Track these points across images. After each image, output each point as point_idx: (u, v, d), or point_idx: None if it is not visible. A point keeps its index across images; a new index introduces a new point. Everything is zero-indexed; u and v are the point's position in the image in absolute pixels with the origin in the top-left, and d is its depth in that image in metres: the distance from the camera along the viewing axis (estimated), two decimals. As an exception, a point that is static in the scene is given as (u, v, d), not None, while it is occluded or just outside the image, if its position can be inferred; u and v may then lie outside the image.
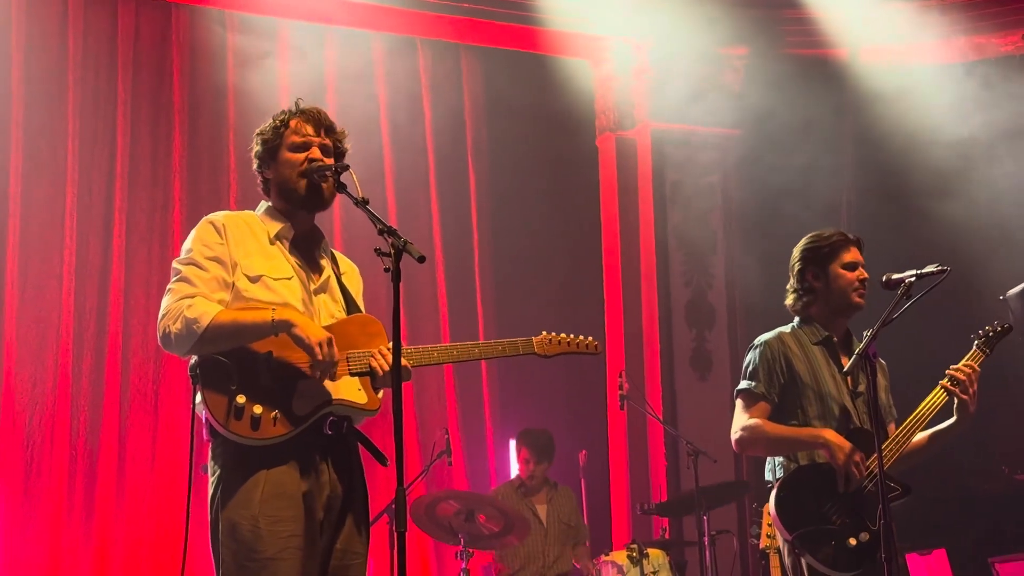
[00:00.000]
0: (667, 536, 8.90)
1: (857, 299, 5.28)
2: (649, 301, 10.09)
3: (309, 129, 4.26)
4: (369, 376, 4.14)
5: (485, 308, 9.83)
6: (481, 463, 9.54)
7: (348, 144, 4.40)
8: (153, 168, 9.01)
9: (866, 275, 5.28)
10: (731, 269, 10.30)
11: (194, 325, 3.93)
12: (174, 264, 4.14)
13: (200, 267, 4.08)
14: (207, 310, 3.96)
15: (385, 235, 3.84)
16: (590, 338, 4.67)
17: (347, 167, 4.15)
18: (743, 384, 5.31)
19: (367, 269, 4.64)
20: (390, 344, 3.96)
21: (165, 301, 4.06)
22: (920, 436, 5.19)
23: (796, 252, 5.43)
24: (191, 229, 4.26)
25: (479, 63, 10.26)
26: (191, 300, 4.00)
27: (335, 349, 4.00)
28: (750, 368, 5.32)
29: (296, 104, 4.35)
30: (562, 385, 9.89)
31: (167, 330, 3.98)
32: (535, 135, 10.23)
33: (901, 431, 5.12)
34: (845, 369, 5.14)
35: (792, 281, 5.43)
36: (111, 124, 8.89)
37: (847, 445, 5.00)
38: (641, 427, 9.79)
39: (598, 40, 10.30)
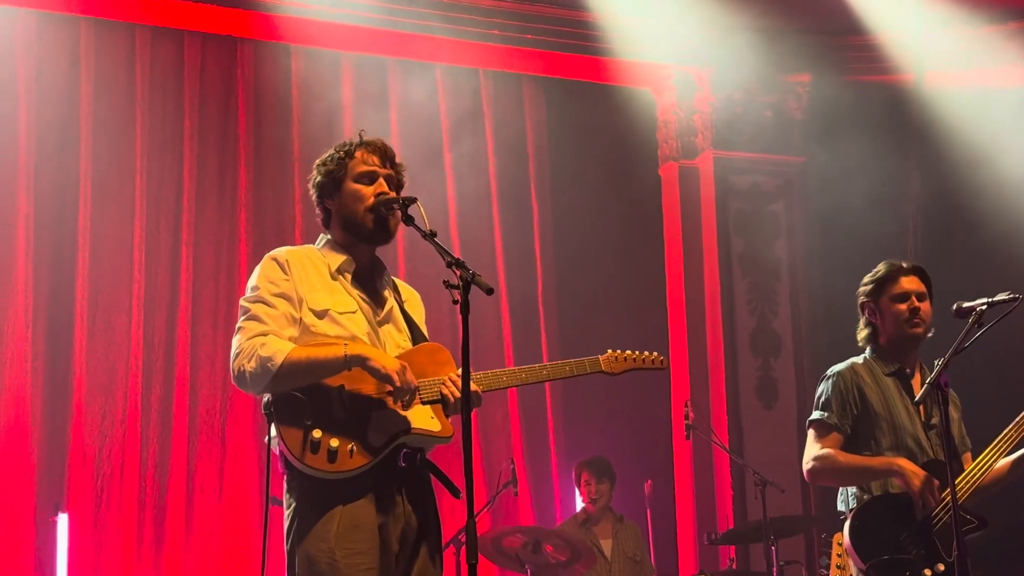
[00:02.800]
0: (735, 567, 8.84)
1: (911, 330, 5.26)
2: (714, 330, 10.06)
3: (375, 159, 4.29)
4: (441, 404, 4.16)
5: (549, 338, 9.82)
6: (546, 494, 9.52)
7: (407, 177, 4.43)
8: (219, 201, 9.10)
9: (918, 304, 5.25)
10: (796, 297, 10.25)
11: (268, 363, 3.96)
12: (242, 303, 4.18)
13: (268, 304, 4.11)
14: (281, 348, 3.99)
15: (454, 267, 3.87)
16: (655, 353, 4.71)
17: (415, 200, 4.18)
18: (815, 414, 5.31)
19: (429, 300, 4.66)
20: (459, 370, 3.99)
21: (236, 340, 4.09)
22: (1001, 463, 5.13)
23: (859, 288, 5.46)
24: (257, 262, 4.30)
25: (541, 93, 10.29)
26: (264, 339, 4.03)
27: (412, 376, 4.03)
28: (823, 398, 5.32)
29: (360, 135, 4.38)
30: (627, 415, 9.85)
31: (241, 369, 4.02)
32: (598, 165, 10.24)
33: (980, 461, 5.06)
34: (916, 398, 5.10)
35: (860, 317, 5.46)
36: (178, 157, 8.99)
37: (922, 472, 4.98)
38: (707, 457, 9.75)
39: (660, 69, 10.31)
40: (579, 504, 8.95)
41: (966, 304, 4.88)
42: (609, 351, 4.57)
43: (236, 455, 8.65)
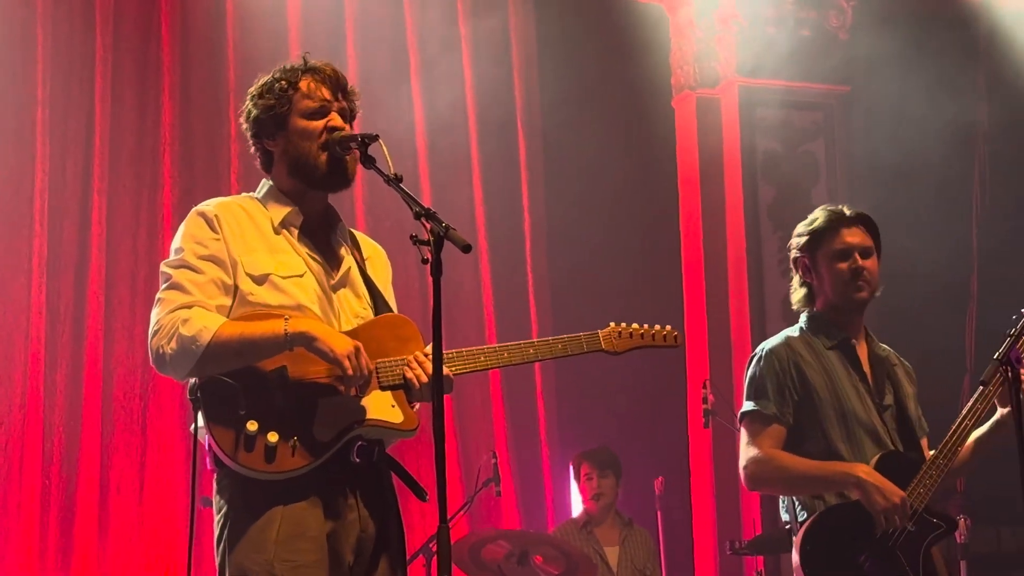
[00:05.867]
0: (763, 581, 8.89)
1: (855, 294, 5.25)
2: (738, 296, 10.05)
3: (325, 92, 4.27)
4: (404, 389, 4.14)
5: (539, 305, 9.83)
6: (536, 494, 9.55)
7: (360, 107, 4.41)
8: (139, 140, 9.07)
9: (862, 263, 5.24)
10: (837, 255, 10.24)
11: (192, 344, 3.94)
12: (163, 268, 4.16)
13: (193, 269, 4.10)
14: (207, 324, 3.97)
15: (423, 219, 3.83)
16: (668, 327, 4.70)
17: (376, 137, 4.14)
18: (748, 406, 5.27)
19: (394, 260, 4.64)
20: (427, 349, 3.95)
21: (155, 314, 4.08)
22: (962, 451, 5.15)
23: (791, 240, 5.47)
24: (184, 212, 4.28)
25: (530, 7, 10.25)
26: (187, 312, 4.01)
27: (367, 359, 4.02)
28: (756, 385, 5.28)
29: (304, 59, 4.35)
30: (633, 399, 9.87)
31: (160, 350, 4.00)
32: (597, 95, 10.23)
33: (942, 451, 5.08)
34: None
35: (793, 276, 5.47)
36: (88, 87, 8.95)
37: (885, 485, 4.96)
38: (730, 448, 9.69)
39: (675, -22, 10.30)
40: (575, 506, 8.97)
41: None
42: (611, 324, 4.56)
43: (159, 447, 8.65)
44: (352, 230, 4.49)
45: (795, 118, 10.35)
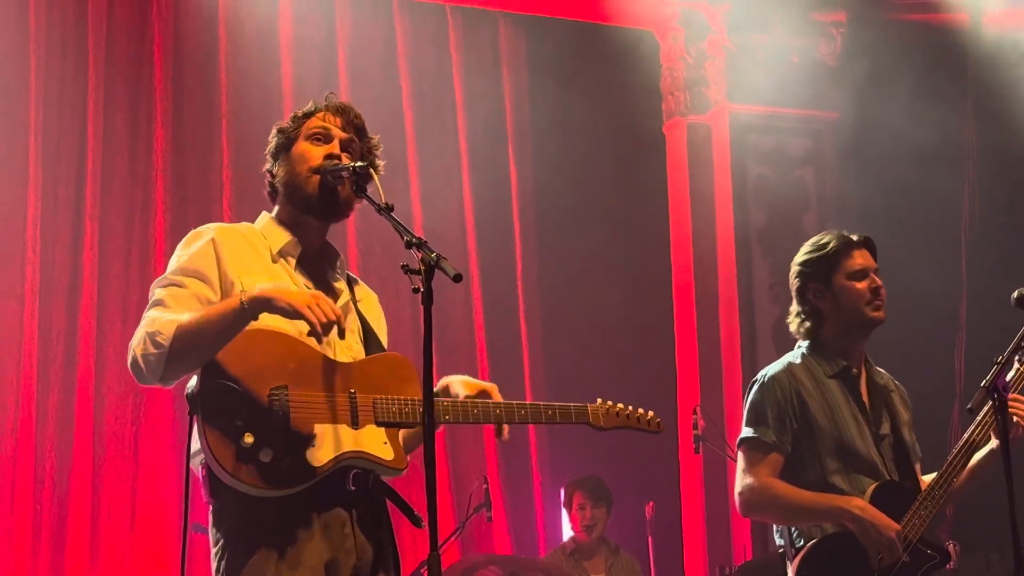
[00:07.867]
0: (753, 607, 8.88)
1: (873, 313, 5.24)
2: (728, 322, 10.07)
3: (337, 121, 4.30)
4: (398, 429, 4.15)
5: (530, 332, 9.80)
6: (527, 519, 9.55)
7: (382, 158, 4.42)
8: (131, 166, 9.07)
9: (879, 282, 5.25)
10: (828, 281, 10.26)
11: (157, 338, 3.90)
12: (153, 287, 4.14)
13: (177, 285, 4.09)
14: (171, 319, 3.93)
15: (414, 248, 3.84)
16: (651, 413, 4.74)
17: (368, 166, 4.18)
18: (748, 432, 5.26)
19: (386, 287, 4.68)
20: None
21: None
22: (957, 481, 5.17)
23: (793, 267, 5.43)
24: (176, 238, 4.27)
25: (521, 35, 10.29)
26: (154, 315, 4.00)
27: (330, 304, 3.96)
28: (756, 411, 5.27)
29: (327, 98, 4.40)
30: (624, 424, 9.86)
31: (133, 356, 3.96)
32: (588, 122, 10.21)
33: (938, 483, 5.10)
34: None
35: (794, 303, 5.42)
36: (80, 114, 8.96)
37: (880, 520, 4.98)
38: (720, 473, 9.75)
39: (665, 5, 10.32)
40: (566, 531, 8.97)
41: (1031, 291, 4.85)
42: (599, 400, 4.60)
43: (150, 472, 8.64)
44: (350, 272, 4.50)
45: (785, 144, 10.39)
